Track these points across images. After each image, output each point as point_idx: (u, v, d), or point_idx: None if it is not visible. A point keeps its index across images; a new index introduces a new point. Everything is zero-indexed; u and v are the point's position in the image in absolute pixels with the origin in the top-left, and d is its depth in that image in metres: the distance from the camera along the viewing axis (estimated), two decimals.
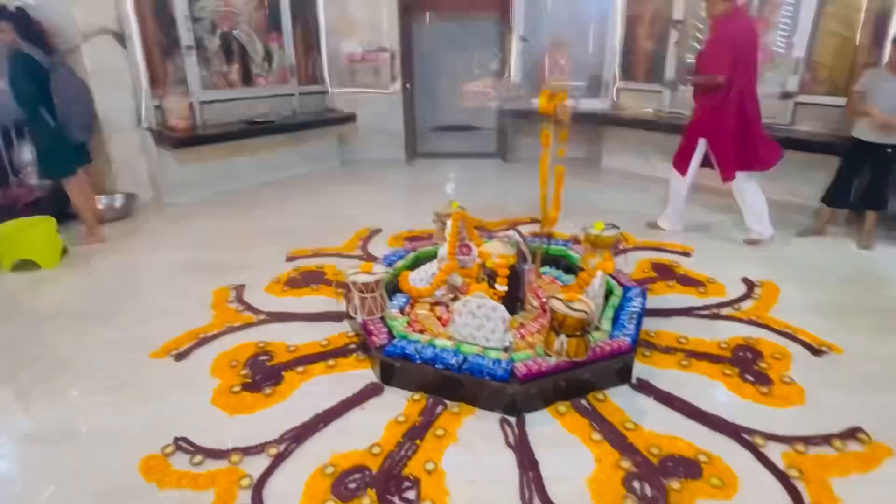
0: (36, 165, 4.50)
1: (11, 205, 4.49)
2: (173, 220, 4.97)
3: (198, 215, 5.05)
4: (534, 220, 4.71)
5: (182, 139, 5.09)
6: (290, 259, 4.01)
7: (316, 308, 3.28)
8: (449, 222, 3.31)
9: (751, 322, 3.08)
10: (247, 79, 5.91)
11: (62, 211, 4.64)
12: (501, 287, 2.79)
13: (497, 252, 2.89)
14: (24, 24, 3.83)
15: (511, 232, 3.06)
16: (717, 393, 2.49)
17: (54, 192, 4.56)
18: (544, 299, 3.14)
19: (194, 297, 3.44)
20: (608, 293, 2.98)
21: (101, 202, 4.87)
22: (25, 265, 3.90)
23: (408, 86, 6.52)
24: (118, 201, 5.04)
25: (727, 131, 3.93)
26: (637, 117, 5.81)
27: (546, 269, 3.54)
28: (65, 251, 4.15)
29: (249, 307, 3.30)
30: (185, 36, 5.21)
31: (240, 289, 3.52)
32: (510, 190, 5.74)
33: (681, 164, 4.27)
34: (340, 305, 3.28)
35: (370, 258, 4.00)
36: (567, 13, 6.31)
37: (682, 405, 2.38)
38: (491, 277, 2.87)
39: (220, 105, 5.61)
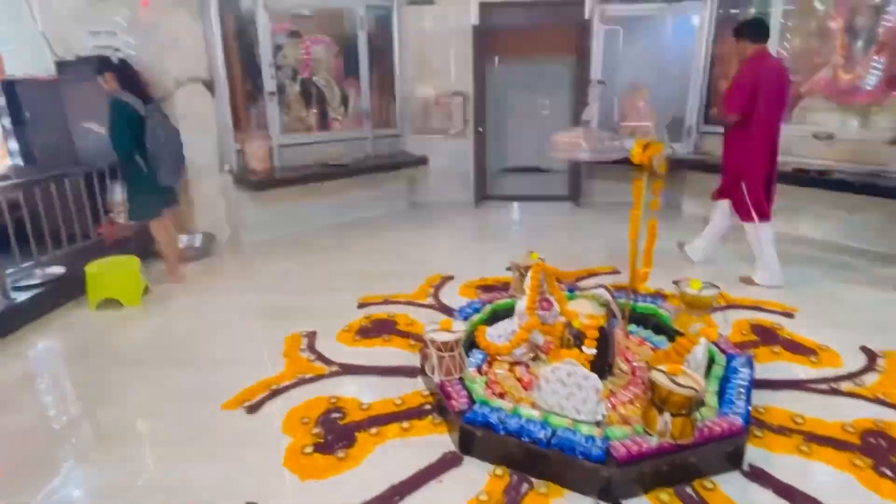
0: (126, 206, 4.69)
1: (102, 242, 4.69)
2: (248, 260, 5.05)
3: (271, 256, 5.12)
4: (614, 271, 4.47)
5: (260, 182, 5.22)
6: (361, 306, 3.93)
7: (388, 361, 3.15)
8: (528, 274, 3.13)
9: (878, 401, 2.69)
10: (323, 123, 6.05)
11: (146, 249, 4.83)
12: (590, 350, 2.56)
13: (585, 312, 2.68)
14: (126, 74, 4.05)
15: (600, 290, 2.84)
16: (849, 488, 2.14)
17: (140, 231, 4.75)
18: (635, 363, 2.88)
19: (267, 343, 3.40)
20: (709, 360, 2.69)
21: (182, 241, 5.02)
22: (110, 303, 4.02)
23: (480, 129, 6.48)
24: (198, 240, 5.18)
25: (758, 170, 3.91)
26: None
27: (633, 327, 3.27)
28: (146, 290, 4.26)
29: (321, 357, 3.22)
30: (269, 83, 5.39)
31: (311, 336, 3.46)
32: (585, 236, 5.50)
33: (757, 209, 3.96)
34: (413, 359, 3.14)
35: (442, 307, 3.87)
36: (647, 55, 6.13)
37: (806, 502, 2.05)
38: (577, 339, 2.66)
39: (296, 148, 5.74)
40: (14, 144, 4.92)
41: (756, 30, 3.85)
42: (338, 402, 2.75)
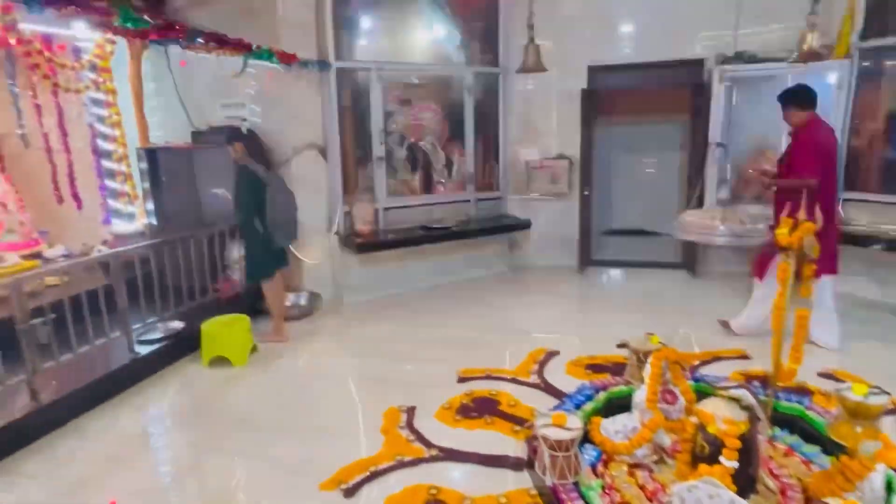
0: (242, 266, 4.93)
1: (218, 299, 4.93)
2: (350, 321, 5.10)
3: (372, 317, 5.13)
4: (742, 356, 3.98)
5: (365, 244, 5.31)
6: (461, 380, 3.76)
7: (491, 447, 2.93)
8: (648, 361, 2.82)
9: None
10: (427, 186, 6.13)
11: (255, 306, 5.01)
12: (730, 463, 2.19)
13: (722, 415, 2.32)
14: (253, 143, 4.32)
15: (741, 391, 2.47)
16: None
17: (251, 289, 4.96)
18: (784, 479, 2.44)
19: (365, 415, 3.32)
20: (887, 490, 2.20)
21: (289, 300, 5.17)
22: (219, 361, 4.15)
23: (586, 192, 6.26)
24: (303, 299, 5.32)
25: (831, 231, 3.84)
26: (869, 234, 4.84)
27: (776, 431, 2.82)
28: (254, 349, 4.37)
29: (420, 437, 3.05)
30: (378, 149, 5.57)
31: (410, 412, 3.32)
32: (704, 310, 5.01)
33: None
34: (518, 447, 2.89)
35: (548, 387, 3.60)
36: (773, 114, 5.67)
37: None
38: (713, 446, 2.30)
39: (401, 211, 5.83)
40: (151, 205, 5.39)
41: (803, 98, 3.88)
42: (438, 493, 2.55)
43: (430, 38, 6.04)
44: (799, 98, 3.90)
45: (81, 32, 4.93)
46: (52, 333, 3.49)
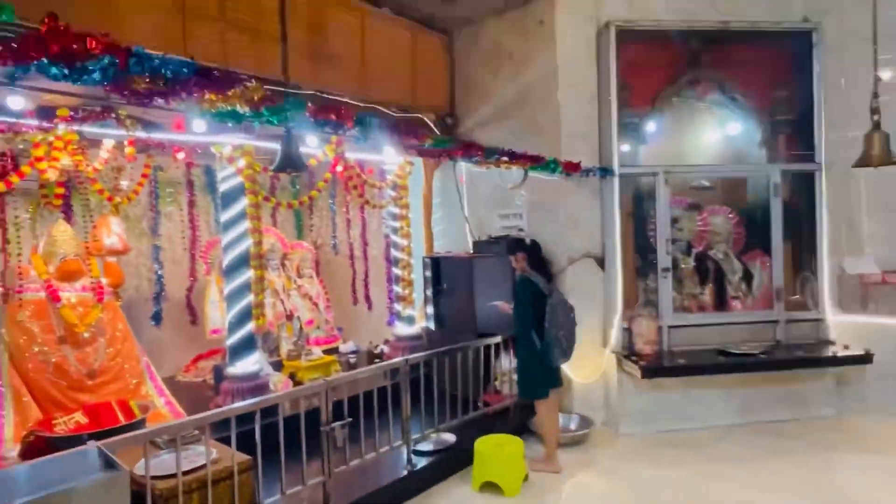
0: (512, 380, 4.68)
1: (487, 413, 4.71)
2: (625, 457, 4.37)
3: (651, 456, 4.32)
4: None
5: (648, 367, 4.60)
6: None
7: None
8: None
9: None
10: (720, 302, 5.23)
11: (523, 424, 4.65)
12: None
13: None
14: (535, 254, 4.18)
15: None
16: None
17: (519, 404, 4.64)
18: None
19: None
20: None
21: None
22: (489, 487, 3.80)
23: None
24: (573, 423, 4.79)
25: None
26: None
27: None
28: (526, 477, 3.94)
29: None
30: (664, 259, 4.97)
31: None
32: None
33: None
34: None
35: None
36: None
37: None
38: None
39: (688, 330, 5.01)
40: (430, 309, 5.63)
41: None
42: None
43: (721, 137, 5.42)
44: None
45: (389, 157, 5.63)
46: (347, 437, 3.57)
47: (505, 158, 4.35)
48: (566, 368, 4.75)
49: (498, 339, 4.70)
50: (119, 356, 4.37)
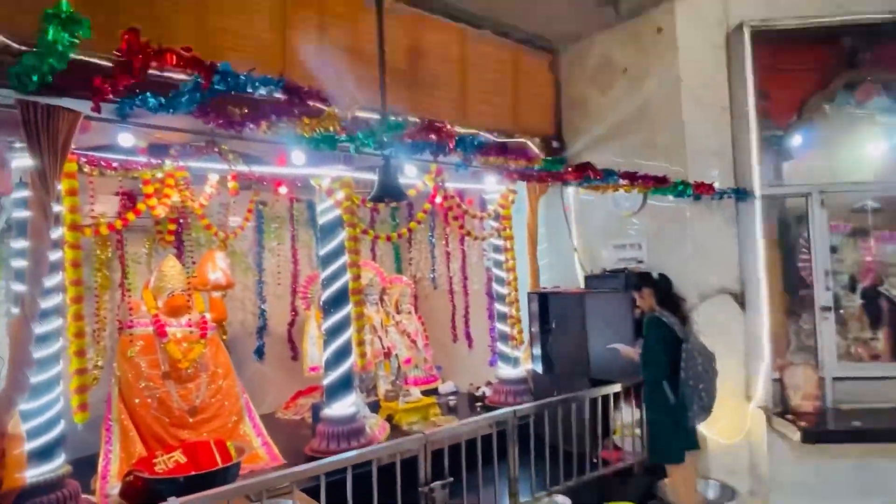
0: (634, 434, 4.05)
1: (605, 474, 4.09)
2: None
3: None
4: None
5: (811, 429, 3.76)
6: None
7: None
8: None
9: None
10: None
11: (649, 489, 3.97)
12: None
13: None
14: (664, 290, 3.58)
15: None
16: None
17: (647, 465, 3.98)
18: None
19: None
20: None
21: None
22: None
23: None
24: (712, 491, 4.04)
25: None
26: None
27: None
28: None
29: None
30: (823, 295, 4.13)
31: None
32: None
33: None
34: None
35: None
36: None
37: None
38: None
39: (858, 383, 4.09)
40: (536, 349, 5.12)
41: None
42: None
43: (889, 149, 4.50)
44: None
45: (491, 186, 5.29)
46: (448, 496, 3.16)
47: (624, 181, 3.84)
48: (702, 425, 4.04)
49: (617, 387, 4.08)
50: (220, 393, 4.31)
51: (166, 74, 2.07)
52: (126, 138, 3.20)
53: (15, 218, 2.84)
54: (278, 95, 2.07)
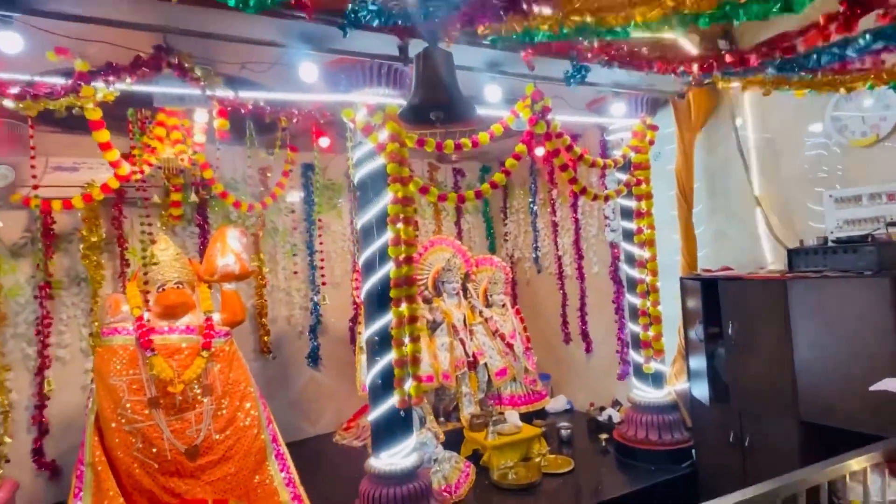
0: None
1: None
2: None
3: None
4: None
5: None
6: None
7: None
8: None
9: None
10: None
11: None
12: None
13: None
14: None
15: None
16: None
17: None
18: None
19: None
20: None
21: None
22: None
23: None
24: None
25: None
26: None
27: None
28: None
29: None
30: None
31: None
32: None
33: None
34: None
35: None
36: None
37: None
38: None
39: None
40: (695, 363, 3.34)
41: None
42: None
43: None
44: None
45: (615, 118, 3.53)
46: None
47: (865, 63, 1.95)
48: None
49: (873, 454, 2.20)
50: (232, 426, 3.05)
51: None
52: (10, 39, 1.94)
53: None
54: None
